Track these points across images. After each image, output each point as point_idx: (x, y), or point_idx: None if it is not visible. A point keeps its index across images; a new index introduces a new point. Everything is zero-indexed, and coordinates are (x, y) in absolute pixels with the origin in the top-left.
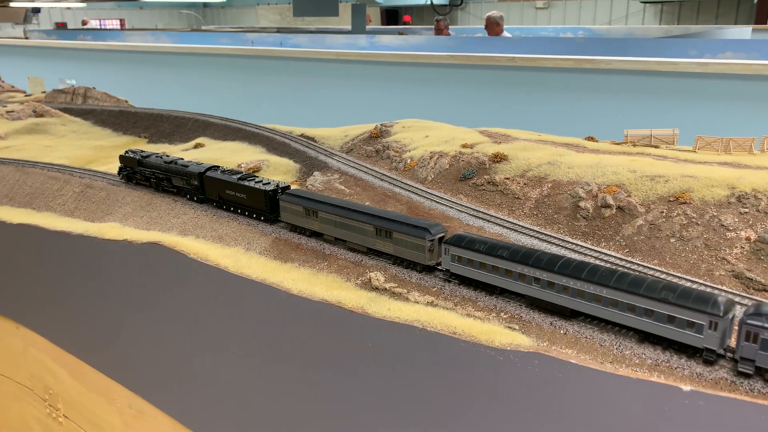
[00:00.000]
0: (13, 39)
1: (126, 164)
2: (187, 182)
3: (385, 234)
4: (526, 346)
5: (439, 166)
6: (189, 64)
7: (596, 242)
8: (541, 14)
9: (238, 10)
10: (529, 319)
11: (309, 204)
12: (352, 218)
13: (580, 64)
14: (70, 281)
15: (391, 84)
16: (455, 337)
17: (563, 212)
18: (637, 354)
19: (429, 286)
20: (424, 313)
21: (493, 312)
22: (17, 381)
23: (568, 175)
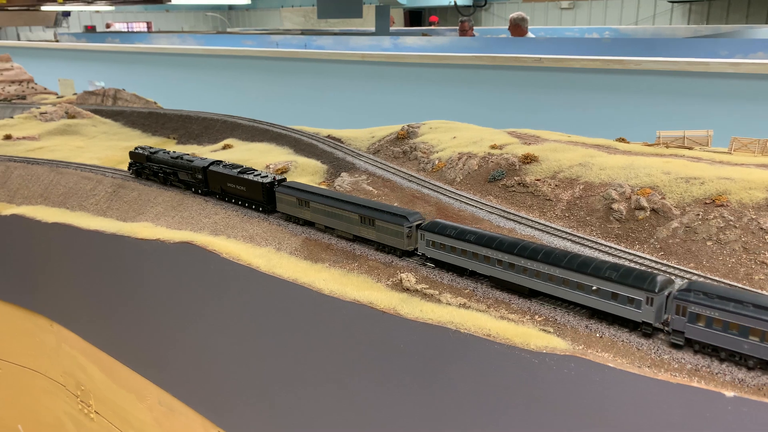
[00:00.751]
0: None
1: (135, 160)
2: (192, 176)
3: (368, 222)
4: (561, 349)
5: (467, 168)
6: (216, 66)
7: (630, 245)
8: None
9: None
10: (564, 322)
11: (301, 195)
12: (339, 208)
13: (609, 65)
14: (103, 280)
15: (416, 85)
16: (489, 339)
17: (596, 214)
18: (676, 359)
19: (461, 288)
20: (457, 315)
21: (527, 314)
22: (50, 377)
23: (600, 177)
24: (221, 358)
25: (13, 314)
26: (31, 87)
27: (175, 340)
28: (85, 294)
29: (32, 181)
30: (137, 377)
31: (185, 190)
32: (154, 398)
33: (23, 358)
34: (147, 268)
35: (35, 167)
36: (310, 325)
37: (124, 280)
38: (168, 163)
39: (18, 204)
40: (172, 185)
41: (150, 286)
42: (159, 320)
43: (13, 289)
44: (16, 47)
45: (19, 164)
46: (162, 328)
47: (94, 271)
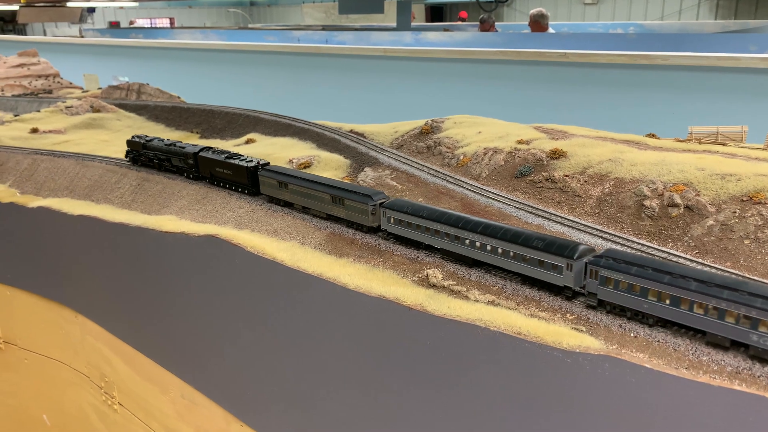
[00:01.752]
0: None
1: (132, 148)
2: (184, 162)
3: (339, 201)
4: (595, 349)
5: (493, 163)
6: (238, 61)
7: (662, 242)
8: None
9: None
10: (597, 321)
11: (281, 178)
12: (314, 189)
13: (635, 60)
14: (127, 272)
15: (439, 80)
16: (520, 337)
17: (627, 211)
18: (716, 360)
19: (489, 285)
20: (486, 312)
21: (557, 312)
22: (75, 368)
23: (631, 173)
24: (244, 351)
25: (39, 306)
26: (57, 81)
27: (199, 334)
28: (110, 286)
29: (58, 173)
30: (160, 370)
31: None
32: (177, 391)
33: (49, 349)
34: (171, 261)
35: (61, 160)
36: (335, 321)
37: (148, 272)
38: (162, 150)
39: (44, 196)
40: (166, 170)
41: (174, 279)
42: (182, 313)
43: (40, 280)
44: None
45: (46, 157)
46: (185, 321)
47: (118, 264)
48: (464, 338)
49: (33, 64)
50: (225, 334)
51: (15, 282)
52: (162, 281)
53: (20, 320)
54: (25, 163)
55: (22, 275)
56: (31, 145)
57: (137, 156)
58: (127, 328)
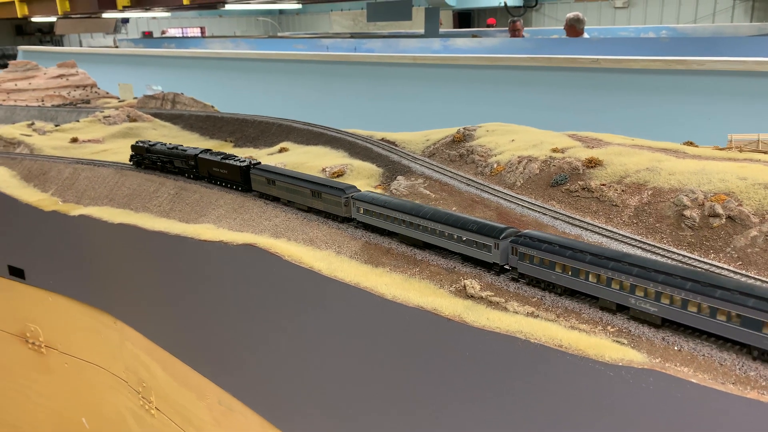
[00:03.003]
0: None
1: (136, 152)
2: (186, 163)
3: (317, 195)
4: (639, 362)
5: (528, 171)
6: (269, 69)
7: (704, 253)
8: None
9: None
10: (639, 334)
11: (269, 175)
12: (296, 184)
13: (670, 65)
14: (166, 280)
15: (469, 87)
16: (561, 350)
17: (666, 221)
18: (764, 375)
19: (528, 296)
20: (525, 324)
21: (598, 324)
22: (113, 373)
23: (670, 182)
24: (282, 359)
25: (79, 311)
26: (95, 91)
27: (236, 341)
28: (148, 293)
29: (98, 182)
30: (197, 376)
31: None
32: (214, 397)
33: (88, 354)
34: (210, 269)
35: (101, 169)
36: (372, 330)
37: (186, 280)
38: (165, 153)
39: (85, 205)
40: (169, 172)
41: (212, 287)
42: (220, 320)
43: (80, 287)
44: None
45: (86, 166)
46: (223, 328)
47: (157, 271)
48: (504, 350)
49: (71, 74)
50: (262, 342)
51: (56, 288)
52: (200, 289)
53: (61, 325)
54: (66, 172)
55: (63, 281)
56: (72, 155)
57: (141, 159)
58: (165, 335)
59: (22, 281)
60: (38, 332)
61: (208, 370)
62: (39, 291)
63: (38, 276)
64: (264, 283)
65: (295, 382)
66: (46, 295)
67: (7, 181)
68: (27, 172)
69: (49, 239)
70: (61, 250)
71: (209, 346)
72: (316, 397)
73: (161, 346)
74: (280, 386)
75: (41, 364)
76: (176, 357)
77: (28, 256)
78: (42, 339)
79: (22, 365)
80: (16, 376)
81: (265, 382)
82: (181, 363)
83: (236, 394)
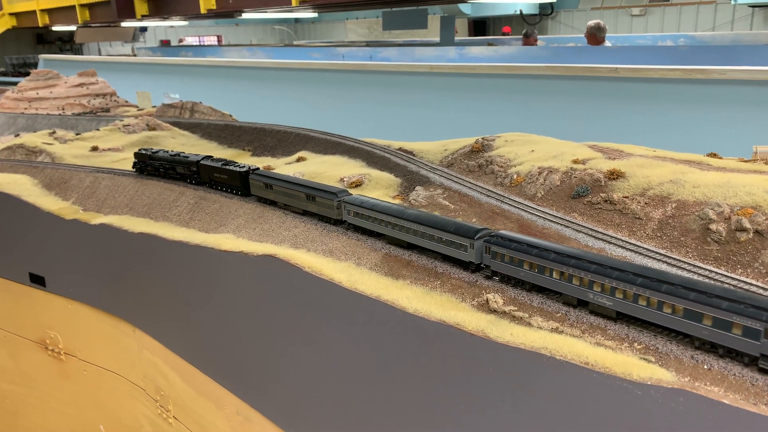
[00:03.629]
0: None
1: (140, 159)
2: (188, 169)
3: (311, 198)
4: (668, 381)
5: (549, 183)
6: (286, 78)
7: (731, 268)
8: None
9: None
10: (667, 352)
11: (267, 180)
12: (292, 189)
13: (690, 75)
14: (185, 289)
15: (486, 96)
16: (587, 367)
17: (691, 235)
18: None
19: (552, 311)
20: (550, 340)
21: (625, 342)
22: (131, 381)
23: (695, 195)
24: (301, 371)
25: (99, 319)
26: (114, 100)
27: (255, 351)
28: (168, 302)
29: (118, 191)
30: (216, 386)
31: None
32: (232, 407)
33: (107, 362)
34: (230, 279)
35: (121, 178)
36: (394, 344)
37: (206, 290)
38: (168, 159)
39: (106, 213)
40: (171, 178)
41: (232, 297)
42: (240, 331)
43: (100, 295)
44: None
45: (107, 175)
46: (242, 338)
47: (177, 281)
48: (529, 367)
49: (92, 83)
50: (281, 353)
51: (76, 296)
52: (219, 299)
53: (80, 333)
54: (87, 180)
55: (83, 289)
56: (92, 163)
57: (144, 166)
58: (184, 344)
59: (42, 288)
60: (58, 339)
61: (227, 380)
62: (59, 298)
63: (58, 283)
64: (284, 294)
65: (314, 394)
66: (66, 303)
67: (29, 189)
68: (48, 180)
69: (69, 247)
70: (82, 258)
71: (228, 356)
72: (335, 409)
73: (180, 355)
74: (299, 398)
75: (60, 371)
76: (194, 366)
77: (49, 263)
78: (61, 346)
79: (41, 372)
80: (36, 382)
81: (284, 393)
82: (199, 372)
83: (255, 405)
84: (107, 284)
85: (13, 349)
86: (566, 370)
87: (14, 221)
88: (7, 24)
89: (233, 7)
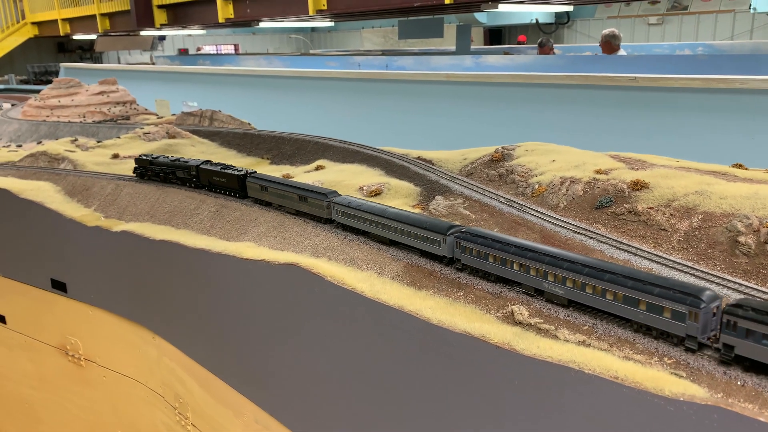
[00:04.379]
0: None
1: (140, 165)
2: (188, 173)
3: (303, 199)
4: (701, 398)
5: (571, 193)
6: (303, 87)
7: (761, 281)
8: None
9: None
10: (698, 367)
11: (262, 183)
12: (286, 190)
13: (710, 84)
14: (206, 297)
15: (504, 105)
16: (617, 382)
17: (718, 247)
18: None
19: (579, 324)
20: (578, 354)
21: (654, 356)
22: (150, 387)
23: (722, 207)
24: (322, 380)
25: (119, 326)
26: (134, 108)
27: (276, 360)
28: (188, 309)
29: (140, 198)
30: (235, 394)
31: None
32: (251, 416)
33: (126, 368)
34: (251, 287)
35: (142, 186)
36: (418, 355)
37: (227, 297)
38: (168, 164)
39: (127, 221)
40: (170, 182)
41: (253, 305)
42: (260, 339)
43: (120, 301)
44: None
45: (128, 182)
46: (263, 347)
47: (197, 288)
48: (557, 380)
49: (112, 91)
50: (302, 362)
51: (97, 302)
52: (240, 307)
53: (100, 339)
54: (108, 188)
55: (103, 296)
56: (114, 171)
57: (144, 171)
58: (203, 351)
59: (64, 294)
60: (78, 345)
61: (246, 388)
62: (80, 304)
63: (80, 290)
64: (305, 303)
65: (334, 404)
66: (86, 309)
67: (52, 196)
68: (71, 187)
69: (91, 254)
70: (103, 264)
71: (248, 363)
72: (356, 420)
73: (199, 362)
74: (319, 407)
75: (80, 377)
76: (214, 374)
77: (71, 270)
78: (81, 352)
79: (61, 377)
80: (56, 387)
81: (304, 402)
82: (218, 380)
83: (274, 413)
84: (128, 291)
85: (34, 355)
86: (595, 385)
87: (37, 228)
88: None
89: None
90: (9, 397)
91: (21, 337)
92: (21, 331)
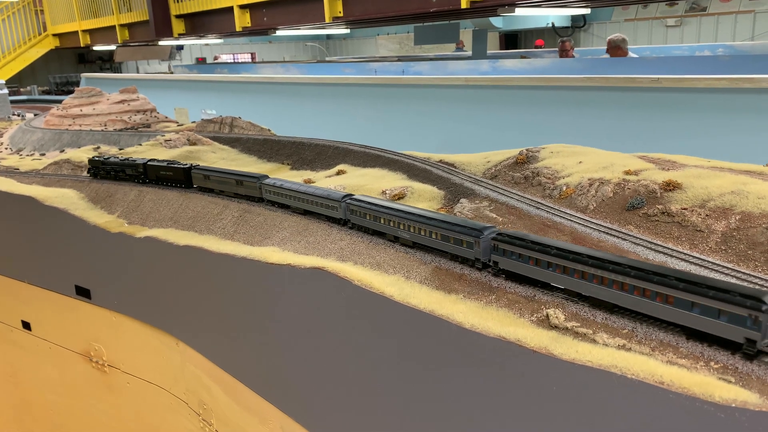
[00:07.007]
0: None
1: (93, 165)
2: (136, 170)
3: (240, 183)
4: (753, 404)
5: (601, 194)
6: (322, 93)
7: None
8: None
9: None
10: (748, 372)
11: (205, 173)
12: (224, 177)
13: (737, 84)
14: (230, 302)
15: (525, 108)
16: (663, 387)
17: (759, 248)
18: None
19: (617, 328)
20: (619, 358)
21: (699, 360)
22: (174, 394)
23: (760, 207)
24: (348, 386)
25: (142, 332)
26: (154, 116)
27: (302, 366)
28: (212, 315)
29: (163, 205)
30: (260, 400)
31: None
32: (276, 423)
33: (149, 374)
34: (278, 292)
35: (165, 192)
36: (452, 361)
37: (252, 303)
38: (118, 164)
39: (150, 227)
40: (121, 180)
41: (279, 310)
42: (286, 345)
43: (144, 307)
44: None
45: (151, 189)
46: (288, 353)
47: (221, 294)
48: (598, 386)
49: (132, 100)
50: (329, 368)
51: (120, 308)
52: (266, 312)
53: (124, 345)
54: (131, 194)
55: (127, 302)
56: None
57: (97, 171)
58: (228, 357)
59: (88, 301)
60: (102, 351)
61: (271, 395)
62: (104, 311)
63: (103, 296)
64: (333, 307)
65: (362, 410)
66: (110, 315)
67: (76, 203)
68: (94, 194)
69: (115, 260)
70: (127, 271)
71: (273, 369)
72: (387, 428)
73: (223, 369)
74: (347, 415)
75: (104, 383)
76: (238, 380)
77: (95, 276)
78: (105, 358)
79: (85, 384)
80: (80, 394)
81: (331, 409)
82: (243, 386)
83: (300, 420)
84: (151, 297)
85: (59, 361)
86: (639, 390)
87: (62, 235)
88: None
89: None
90: (34, 403)
91: (46, 343)
92: (46, 337)
